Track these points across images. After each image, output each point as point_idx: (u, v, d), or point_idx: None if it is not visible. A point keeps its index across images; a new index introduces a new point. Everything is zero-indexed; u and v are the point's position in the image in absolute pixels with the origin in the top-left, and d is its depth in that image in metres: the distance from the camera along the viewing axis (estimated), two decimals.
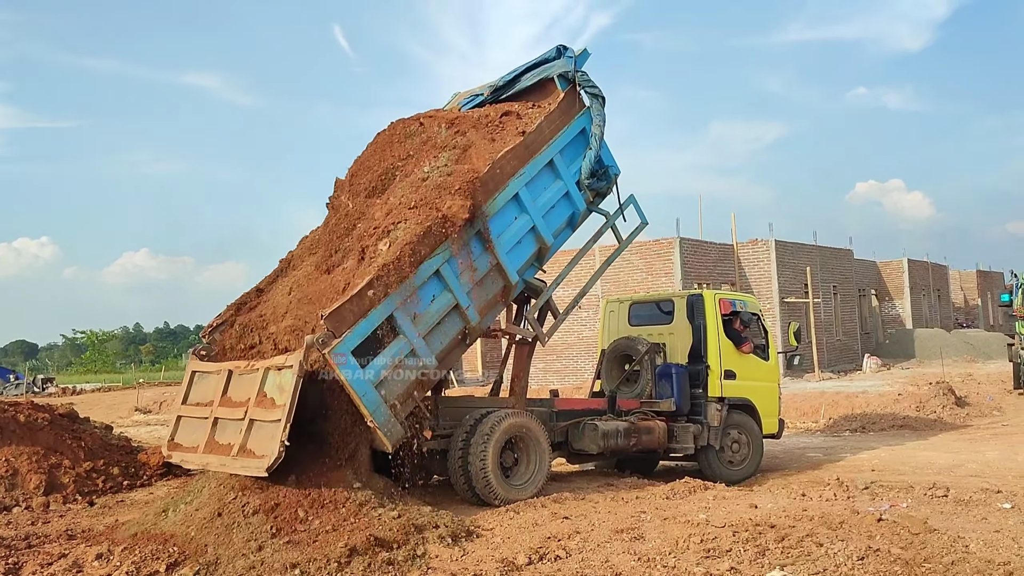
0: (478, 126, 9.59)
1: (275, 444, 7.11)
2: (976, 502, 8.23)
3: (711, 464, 10.83)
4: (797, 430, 16.81)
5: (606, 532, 7.15)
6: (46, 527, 8.50)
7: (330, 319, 7.51)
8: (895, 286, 38.05)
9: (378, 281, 7.81)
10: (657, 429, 10.45)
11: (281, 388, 7.42)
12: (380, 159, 9.68)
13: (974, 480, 9.94)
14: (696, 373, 10.95)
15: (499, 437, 8.84)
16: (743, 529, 6.85)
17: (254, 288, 9.65)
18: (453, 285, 8.54)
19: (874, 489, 9.07)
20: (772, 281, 27.12)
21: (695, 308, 11.22)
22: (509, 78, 10.27)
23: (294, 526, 6.91)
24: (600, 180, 10.00)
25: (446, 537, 7.04)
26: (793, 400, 18.90)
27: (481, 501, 8.58)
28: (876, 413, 17.31)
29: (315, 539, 6.74)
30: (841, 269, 32.08)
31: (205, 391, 8.45)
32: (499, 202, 8.95)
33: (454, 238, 8.38)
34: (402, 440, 8.08)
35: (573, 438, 10.05)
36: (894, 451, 13.10)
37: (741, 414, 11.18)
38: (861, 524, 6.95)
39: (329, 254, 8.94)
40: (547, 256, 9.81)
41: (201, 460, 7.86)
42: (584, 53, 9.93)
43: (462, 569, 6.43)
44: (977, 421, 16.77)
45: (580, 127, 9.82)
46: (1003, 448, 12.89)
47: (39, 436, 10.67)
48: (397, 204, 8.72)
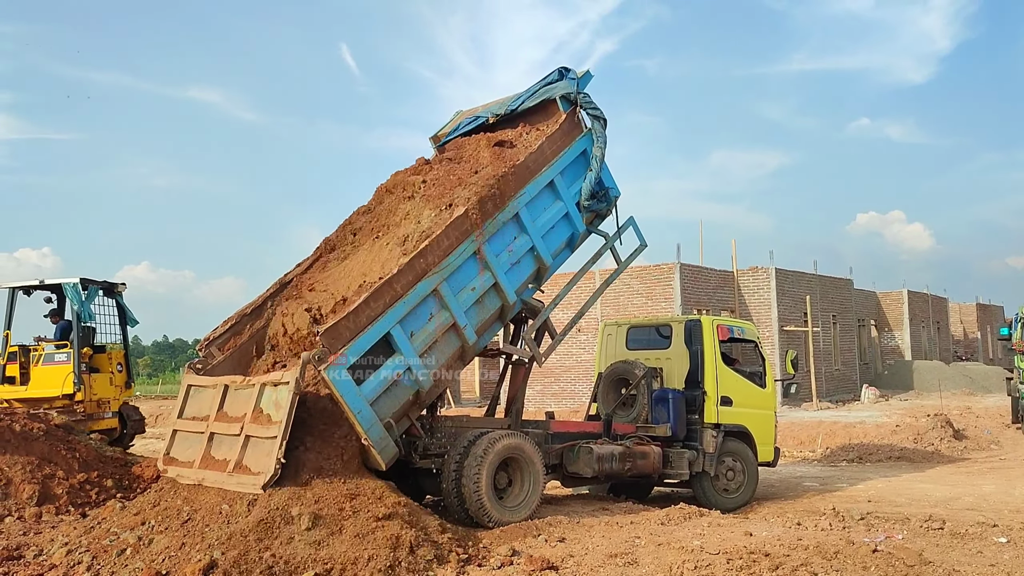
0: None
1: (271, 461, 7.09)
2: (972, 535, 8.19)
3: (706, 491, 10.78)
4: (794, 459, 16.74)
5: (600, 556, 7.11)
6: (38, 538, 8.44)
7: (326, 336, 7.51)
8: (895, 317, 38.05)
9: (375, 298, 7.81)
10: (652, 454, 10.41)
11: (277, 404, 7.39)
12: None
13: (970, 513, 9.88)
14: (692, 399, 10.92)
15: (493, 459, 8.80)
16: (737, 557, 6.80)
17: (256, 301, 9.64)
18: (451, 303, 8.55)
19: (870, 520, 9.03)
20: (771, 309, 27.11)
21: (693, 334, 11.22)
22: (514, 106, 10.32)
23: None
24: (600, 202, 10.03)
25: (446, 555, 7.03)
26: (790, 429, 18.84)
27: (474, 522, 8.52)
28: (873, 444, 17.24)
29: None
30: (841, 299, 32.08)
31: (201, 405, 8.41)
32: (499, 221, 8.97)
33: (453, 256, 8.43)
34: (396, 458, 8.05)
35: (568, 461, 10.01)
36: (891, 482, 13.05)
37: (737, 441, 11.13)
38: (856, 555, 6.90)
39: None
40: (546, 276, 9.83)
41: (197, 475, 7.80)
42: (587, 75, 9.99)
43: None
44: (975, 454, 16.71)
45: (581, 148, 9.86)
46: (1000, 482, 12.83)
47: (34, 446, 10.62)
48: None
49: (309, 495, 7.07)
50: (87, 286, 15.10)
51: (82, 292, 14.89)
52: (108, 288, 15.70)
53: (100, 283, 15.44)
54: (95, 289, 15.29)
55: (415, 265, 8.23)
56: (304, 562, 6.48)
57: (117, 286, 15.88)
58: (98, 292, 15.41)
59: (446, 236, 8.49)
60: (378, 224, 9.72)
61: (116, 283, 15.86)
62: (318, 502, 7.01)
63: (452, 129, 10.93)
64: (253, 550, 6.51)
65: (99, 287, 15.41)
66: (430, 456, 8.94)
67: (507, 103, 10.42)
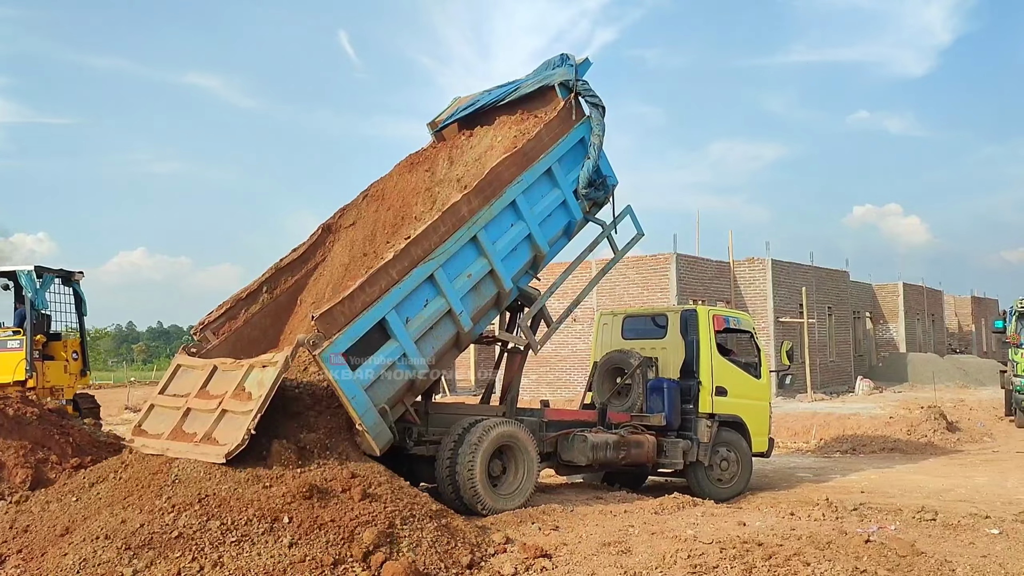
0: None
1: (240, 433, 6.94)
2: (964, 527, 8.20)
3: (699, 481, 10.79)
4: (788, 450, 16.77)
5: (593, 545, 7.11)
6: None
7: (321, 320, 7.49)
8: (890, 309, 38.12)
9: (371, 284, 7.79)
10: (646, 443, 10.41)
11: (261, 383, 7.31)
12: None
13: (963, 505, 9.91)
14: (687, 389, 10.92)
15: (488, 446, 8.79)
16: (731, 546, 6.81)
17: (251, 285, 9.63)
18: (447, 290, 8.53)
19: (863, 511, 9.05)
20: (767, 300, 27.14)
21: (689, 324, 11.21)
22: (512, 92, 10.28)
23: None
24: (598, 190, 9.99)
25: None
26: (784, 420, 18.87)
27: (468, 509, 8.52)
28: (867, 435, 17.29)
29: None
30: (837, 291, 32.12)
31: (185, 384, 8.35)
32: (496, 208, 8.93)
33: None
34: (390, 444, 8.04)
35: (562, 449, 10.01)
36: (884, 474, 13.08)
37: (731, 432, 11.14)
38: (849, 545, 6.92)
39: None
40: (542, 264, 9.81)
41: (162, 446, 7.64)
42: (586, 62, 9.93)
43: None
44: (968, 446, 16.75)
45: (579, 136, 9.81)
46: (993, 474, 12.87)
47: (27, 431, 10.58)
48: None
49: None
50: (42, 274, 15.05)
51: (36, 280, 14.86)
52: (65, 276, 15.68)
53: (56, 271, 15.40)
54: (50, 277, 15.24)
55: (411, 251, 8.20)
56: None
57: (74, 274, 15.83)
58: (53, 280, 15.37)
59: (442, 222, 8.46)
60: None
61: (73, 271, 15.82)
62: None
63: (450, 115, 10.88)
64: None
65: (55, 275, 15.37)
66: (425, 443, 8.94)
67: (505, 89, 10.38)
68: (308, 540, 6.27)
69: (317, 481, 6.88)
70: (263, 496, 6.60)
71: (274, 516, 6.43)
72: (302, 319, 9.44)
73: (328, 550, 6.22)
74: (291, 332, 9.33)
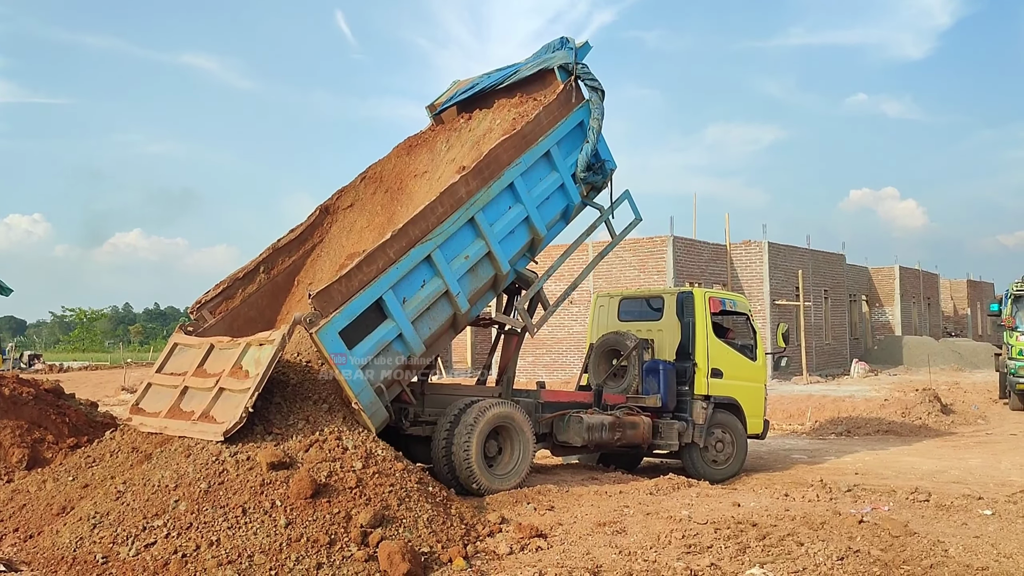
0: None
1: (238, 411, 6.92)
2: (957, 508, 8.26)
3: (695, 462, 10.84)
4: (783, 432, 16.85)
5: (589, 525, 7.15)
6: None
7: (318, 299, 7.49)
8: (886, 293, 38.19)
9: (368, 263, 7.78)
10: (642, 424, 10.45)
11: (258, 361, 7.31)
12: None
13: (956, 486, 9.97)
14: (683, 370, 10.95)
15: (483, 427, 8.82)
16: (725, 526, 6.86)
17: (248, 265, 9.63)
18: (444, 271, 8.52)
19: (856, 492, 9.10)
20: (764, 283, 27.17)
21: (684, 306, 11.22)
22: (511, 75, 10.24)
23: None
24: (596, 174, 9.96)
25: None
26: (780, 402, 18.95)
27: (463, 490, 8.55)
28: (862, 418, 17.35)
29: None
30: (833, 274, 32.15)
31: (182, 363, 8.35)
32: (494, 190, 8.92)
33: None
34: (386, 424, 8.06)
35: (558, 430, 10.04)
36: (878, 455, 13.15)
37: (726, 413, 11.18)
38: (842, 525, 6.97)
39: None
40: (540, 247, 9.80)
41: (159, 424, 7.66)
42: (585, 45, 9.88)
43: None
44: (961, 429, 16.83)
45: (578, 120, 9.78)
46: (986, 456, 12.95)
47: (23, 410, 10.60)
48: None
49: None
50: None
51: None
52: None
53: None
54: None
55: (409, 231, 8.19)
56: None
57: None
58: None
59: (440, 203, 8.45)
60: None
61: None
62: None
63: (448, 98, 10.84)
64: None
65: None
66: (421, 423, 8.97)
67: (504, 72, 10.33)
68: (304, 520, 6.30)
69: (313, 461, 6.89)
70: (259, 476, 6.62)
71: (270, 496, 6.45)
72: (299, 299, 9.46)
73: (324, 530, 6.25)
74: (288, 312, 9.36)
